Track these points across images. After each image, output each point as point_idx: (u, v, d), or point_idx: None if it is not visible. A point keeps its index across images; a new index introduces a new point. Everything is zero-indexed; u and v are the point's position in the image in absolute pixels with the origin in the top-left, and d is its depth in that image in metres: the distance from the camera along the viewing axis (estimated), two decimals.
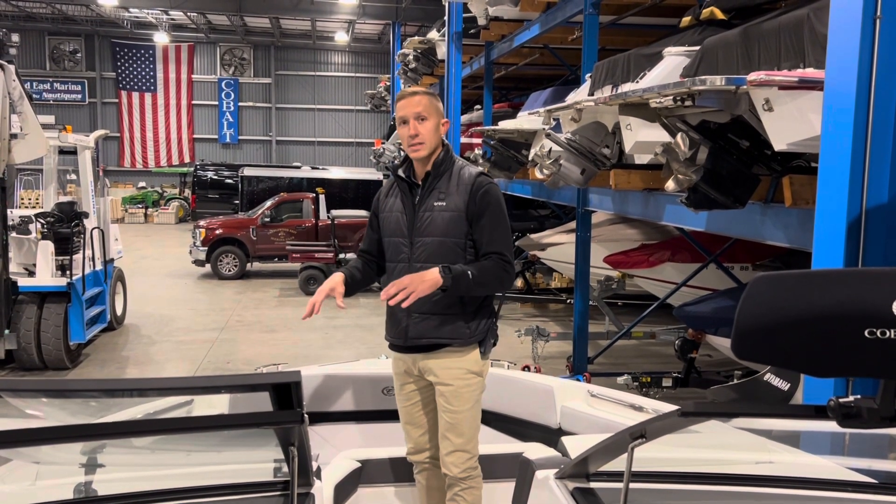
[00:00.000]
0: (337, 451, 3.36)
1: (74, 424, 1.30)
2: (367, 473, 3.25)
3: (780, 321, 1.09)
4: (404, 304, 2.86)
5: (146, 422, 1.48)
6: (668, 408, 3.24)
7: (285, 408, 1.41)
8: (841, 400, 1.13)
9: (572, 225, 9.67)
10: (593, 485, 1.88)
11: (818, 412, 1.18)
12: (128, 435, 1.42)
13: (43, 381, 1.40)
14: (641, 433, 1.54)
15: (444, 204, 3.06)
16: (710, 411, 1.43)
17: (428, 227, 3.07)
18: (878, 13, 2.97)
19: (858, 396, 1.14)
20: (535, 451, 2.65)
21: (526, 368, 7.21)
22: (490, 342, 3.16)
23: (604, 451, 1.72)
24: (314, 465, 1.99)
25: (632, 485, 1.62)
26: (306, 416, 1.45)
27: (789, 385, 5.19)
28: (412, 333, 3.09)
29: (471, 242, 3.07)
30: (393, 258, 3.18)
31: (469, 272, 2.95)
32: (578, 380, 7.37)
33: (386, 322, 3.24)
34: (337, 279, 3.16)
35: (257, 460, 1.86)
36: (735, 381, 6.29)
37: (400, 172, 3.19)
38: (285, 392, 1.38)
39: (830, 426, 1.32)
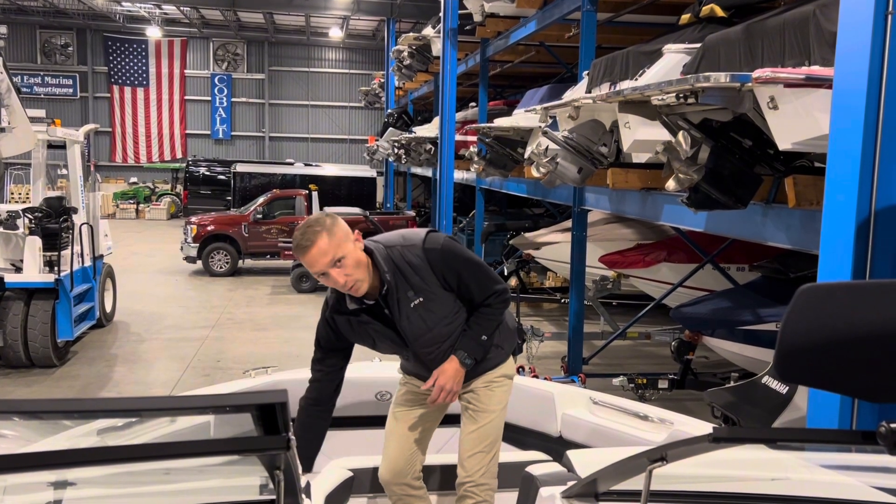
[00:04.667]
0: (328, 459, 3.25)
1: (47, 451, 1.19)
2: (359, 482, 3.15)
3: (831, 339, 0.97)
4: (453, 400, 2.91)
5: (123, 448, 1.37)
6: (673, 417, 3.15)
7: (271, 430, 1.31)
8: (893, 426, 1.02)
9: (567, 224, 9.58)
10: None
11: (866, 438, 1.07)
12: (104, 462, 1.32)
13: (14, 401, 1.29)
14: (662, 457, 1.43)
15: (422, 299, 2.80)
16: (746, 436, 1.32)
17: (420, 327, 2.84)
18: (890, 9, 2.89)
19: None
20: (537, 463, 2.55)
21: (520, 369, 7.13)
22: (518, 343, 3.15)
23: (616, 472, 1.62)
24: (303, 480, 1.88)
25: None
26: (293, 439, 1.35)
27: (788, 388, 5.12)
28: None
29: (459, 298, 2.90)
30: (400, 357, 3.07)
31: (482, 336, 2.87)
32: (573, 380, 7.29)
33: (408, 367, 3.11)
34: None
35: (241, 477, 1.76)
36: (732, 384, 6.21)
37: (351, 306, 2.83)
38: (270, 413, 1.28)
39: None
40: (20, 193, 23.46)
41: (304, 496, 1.81)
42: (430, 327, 2.84)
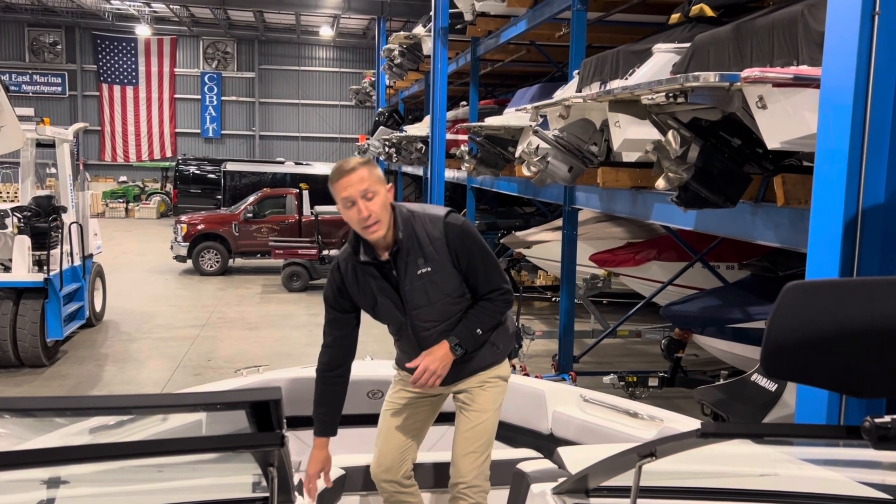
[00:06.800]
0: None
1: (40, 449, 1.20)
2: (351, 481, 3.15)
3: (817, 336, 0.99)
4: (435, 386, 2.84)
5: (117, 445, 1.38)
6: (663, 414, 3.17)
7: (264, 427, 1.32)
8: (877, 420, 1.04)
9: (558, 223, 9.60)
10: (593, 501, 1.80)
11: (851, 433, 1.09)
12: (98, 460, 1.32)
13: (6, 399, 1.30)
14: (651, 452, 1.45)
15: (430, 269, 2.81)
16: (733, 432, 1.34)
17: (422, 298, 2.85)
18: (877, 9, 2.91)
19: (895, 417, 1.05)
20: (528, 460, 2.56)
21: (512, 367, 7.14)
22: (515, 347, 3.11)
23: (606, 468, 1.63)
24: (296, 478, 1.89)
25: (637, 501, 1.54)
26: (287, 436, 1.36)
27: (776, 386, 5.16)
28: (447, 380, 2.93)
29: (465, 284, 2.90)
30: (392, 330, 3.03)
31: (477, 330, 2.87)
32: (564, 378, 7.32)
33: (403, 359, 3.06)
34: (321, 459, 2.91)
35: (234, 475, 1.76)
36: (722, 381, 6.25)
37: (362, 258, 2.84)
38: (264, 410, 1.29)
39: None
40: (8, 192, 23.33)
41: (296, 493, 1.81)
42: (432, 301, 2.84)
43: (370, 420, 3.59)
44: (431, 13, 12.02)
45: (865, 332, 0.98)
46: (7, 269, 8.55)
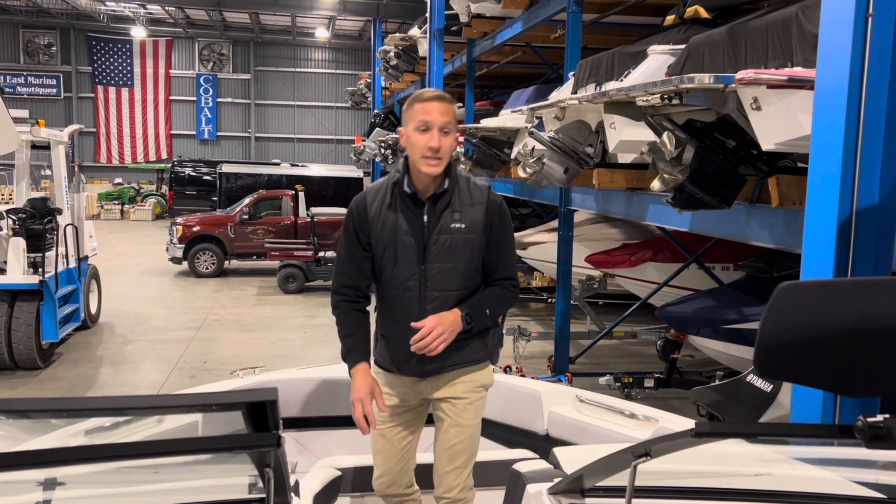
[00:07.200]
0: (316, 458, 3.27)
1: (36, 450, 1.20)
2: (347, 482, 3.16)
3: (809, 336, 1.00)
4: (435, 353, 2.72)
5: (113, 446, 1.38)
6: (659, 414, 3.18)
7: (261, 428, 1.32)
8: (869, 420, 1.05)
9: (554, 224, 9.62)
10: (588, 501, 1.80)
11: (843, 432, 1.10)
12: (94, 461, 1.32)
13: (2, 400, 1.30)
14: (646, 452, 1.46)
15: (464, 226, 2.77)
16: (727, 431, 1.35)
17: (445, 253, 2.78)
18: (871, 11, 2.92)
19: (887, 416, 1.06)
20: (524, 461, 2.57)
21: (507, 369, 7.16)
22: (498, 352, 3.07)
23: (602, 468, 1.64)
24: (292, 479, 1.90)
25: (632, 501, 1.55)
26: (283, 437, 1.36)
27: (772, 386, 5.17)
28: (430, 366, 2.84)
29: (484, 263, 2.87)
30: (397, 286, 2.83)
31: (487, 310, 2.83)
32: (560, 379, 7.33)
33: (382, 350, 2.97)
34: (368, 381, 2.80)
35: (231, 476, 1.76)
36: (717, 382, 6.26)
37: (406, 187, 2.80)
38: (260, 411, 1.29)
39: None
40: (3, 194, 23.29)
41: (293, 494, 1.82)
42: (452, 258, 2.78)
43: None
44: (427, 15, 12.03)
45: (858, 331, 0.99)
46: (2, 271, 8.52)
